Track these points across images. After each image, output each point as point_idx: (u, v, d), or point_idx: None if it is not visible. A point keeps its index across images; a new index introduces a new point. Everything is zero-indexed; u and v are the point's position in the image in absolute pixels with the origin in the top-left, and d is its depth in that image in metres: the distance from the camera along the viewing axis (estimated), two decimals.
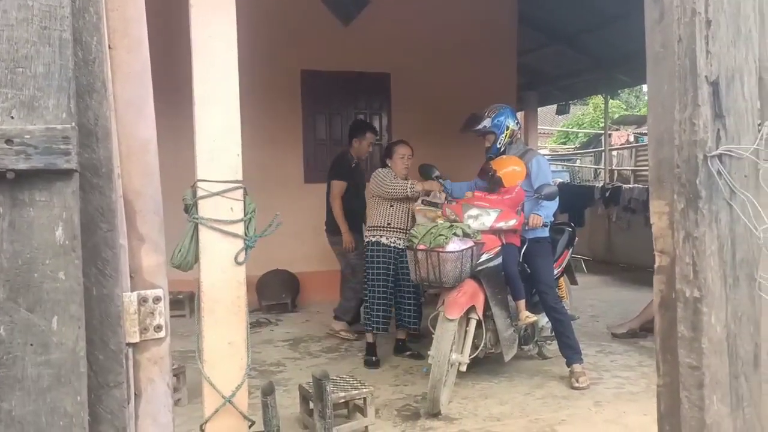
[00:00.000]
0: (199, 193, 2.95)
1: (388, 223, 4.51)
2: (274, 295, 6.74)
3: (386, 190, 4.58)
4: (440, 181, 4.37)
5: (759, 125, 1.28)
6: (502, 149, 4.11)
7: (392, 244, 4.56)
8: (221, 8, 2.86)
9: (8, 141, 0.84)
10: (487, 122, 4.09)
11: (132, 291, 1.11)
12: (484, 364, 4.48)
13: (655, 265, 1.35)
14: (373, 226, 4.57)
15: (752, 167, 1.25)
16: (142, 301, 1.10)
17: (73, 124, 0.89)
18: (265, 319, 6.42)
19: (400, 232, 4.57)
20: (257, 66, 6.45)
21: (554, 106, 10.31)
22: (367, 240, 4.59)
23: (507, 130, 4.11)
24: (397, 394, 4.26)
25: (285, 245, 6.03)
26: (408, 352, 4.71)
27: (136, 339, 1.09)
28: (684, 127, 1.24)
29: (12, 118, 0.86)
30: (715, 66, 1.23)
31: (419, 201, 4.41)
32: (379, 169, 4.75)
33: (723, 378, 1.25)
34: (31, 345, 0.88)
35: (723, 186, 1.23)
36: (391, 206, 4.57)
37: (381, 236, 4.54)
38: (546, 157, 8.52)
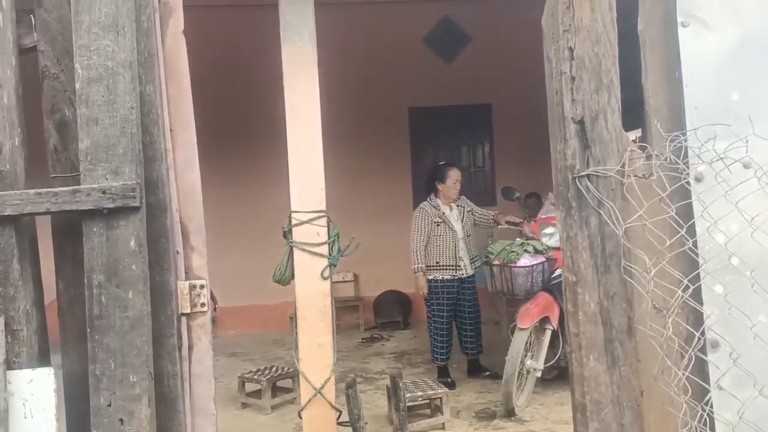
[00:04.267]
0: (293, 221, 3.72)
1: (437, 262, 4.92)
2: (387, 313, 7.38)
3: (411, 236, 4.93)
4: (521, 201, 4.77)
5: (631, 150, 1.68)
6: None
7: (447, 278, 4.94)
8: (306, 74, 3.65)
9: (104, 192, 1.54)
10: None
11: (186, 281, 1.77)
12: (567, 375, 4.76)
13: None
14: (428, 265, 4.91)
15: (619, 182, 1.66)
16: (192, 287, 1.76)
17: (140, 180, 1.58)
18: (379, 335, 7.08)
19: (450, 268, 4.92)
20: (368, 106, 7.29)
21: None
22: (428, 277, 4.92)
23: None
24: (479, 400, 4.70)
25: (399, 268, 6.64)
26: (487, 372, 5.06)
27: (188, 311, 1.75)
28: (560, 156, 1.69)
29: (106, 179, 1.56)
30: (580, 109, 1.66)
31: (503, 221, 4.84)
32: (419, 207, 5.04)
33: (599, 342, 1.65)
34: (118, 307, 1.56)
35: (591, 198, 1.65)
36: (437, 245, 4.96)
37: (434, 274, 4.91)
38: None
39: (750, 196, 1.61)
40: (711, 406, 1.62)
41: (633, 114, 1.86)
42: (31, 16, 1.71)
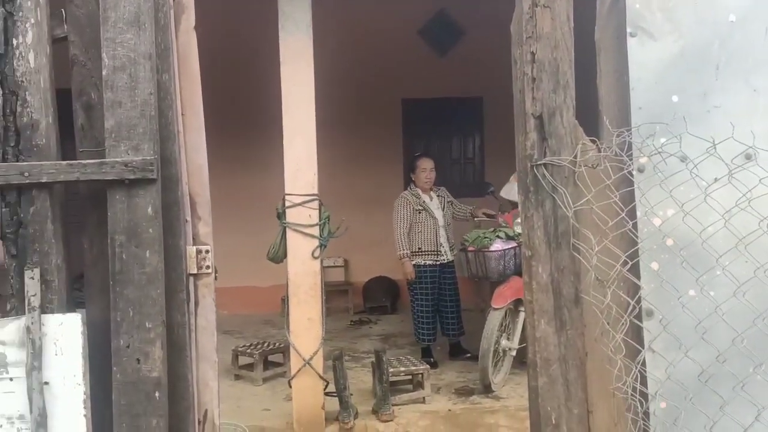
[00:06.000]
0: (287, 204, 3.99)
1: (419, 248, 5.19)
2: (376, 298, 7.65)
3: (392, 224, 5.17)
4: (496, 196, 5.05)
5: (583, 143, 1.95)
6: None
7: (429, 263, 5.21)
8: (303, 65, 3.90)
9: (126, 165, 1.79)
10: None
11: (193, 245, 2.03)
12: None
13: None
14: (411, 251, 5.18)
15: (571, 171, 1.92)
16: (198, 251, 2.02)
17: (156, 156, 1.83)
18: (367, 318, 7.35)
19: (432, 254, 5.20)
20: (362, 96, 7.51)
21: None
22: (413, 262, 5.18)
23: None
24: (459, 378, 4.98)
25: (388, 254, 6.89)
26: (468, 355, 5.34)
27: (194, 271, 2.01)
28: (522, 147, 1.95)
29: (128, 154, 1.81)
30: (539, 106, 1.92)
31: (480, 213, 5.11)
32: (399, 196, 5.28)
33: (549, 309, 1.92)
34: (137, 264, 1.81)
35: (546, 184, 1.91)
36: (420, 232, 5.24)
37: (417, 260, 5.19)
38: None
39: (683, 186, 1.88)
40: (643, 365, 1.89)
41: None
42: (63, 10, 1.95)
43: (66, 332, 1.77)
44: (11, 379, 1.76)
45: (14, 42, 1.82)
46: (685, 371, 1.89)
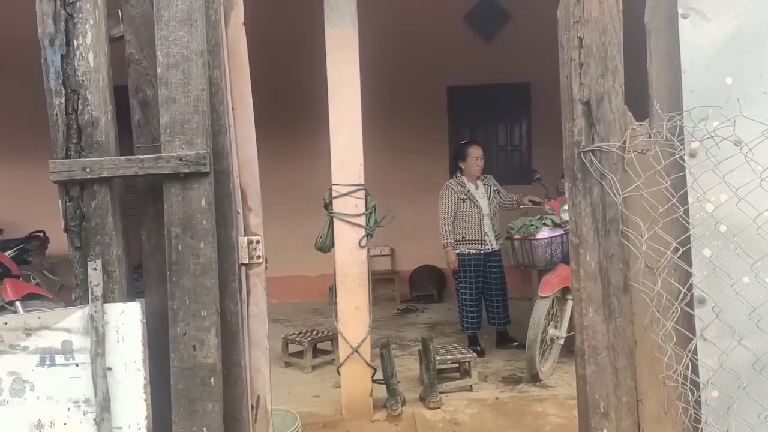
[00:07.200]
0: (333, 194, 4.04)
1: (463, 237, 5.17)
2: (422, 287, 7.67)
3: (437, 213, 5.15)
4: (543, 183, 4.99)
5: (632, 129, 1.92)
6: None
7: (473, 252, 5.20)
8: (347, 55, 3.95)
9: (181, 159, 1.86)
10: None
11: (245, 236, 2.09)
12: None
13: None
14: (455, 240, 5.17)
15: (620, 157, 1.90)
16: (249, 242, 2.08)
17: (209, 150, 1.89)
18: (414, 307, 7.39)
19: (476, 243, 5.18)
20: (408, 84, 7.51)
21: None
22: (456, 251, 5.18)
23: None
24: (506, 367, 4.97)
25: (434, 243, 6.93)
26: (515, 343, 5.32)
27: (246, 261, 2.07)
28: (569, 133, 1.93)
29: (182, 148, 1.88)
30: (587, 92, 1.90)
31: (526, 200, 5.06)
32: (445, 185, 5.25)
33: (597, 297, 1.91)
34: (192, 254, 1.88)
35: (594, 171, 1.89)
36: (464, 221, 5.21)
37: (461, 249, 5.18)
38: None
39: (737, 170, 1.83)
40: (695, 353, 1.86)
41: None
42: (119, 10, 2.02)
43: (127, 320, 1.85)
44: (77, 365, 1.86)
45: (75, 43, 1.90)
46: (739, 360, 1.85)
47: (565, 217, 4.55)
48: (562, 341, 4.54)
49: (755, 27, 1.90)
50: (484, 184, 5.25)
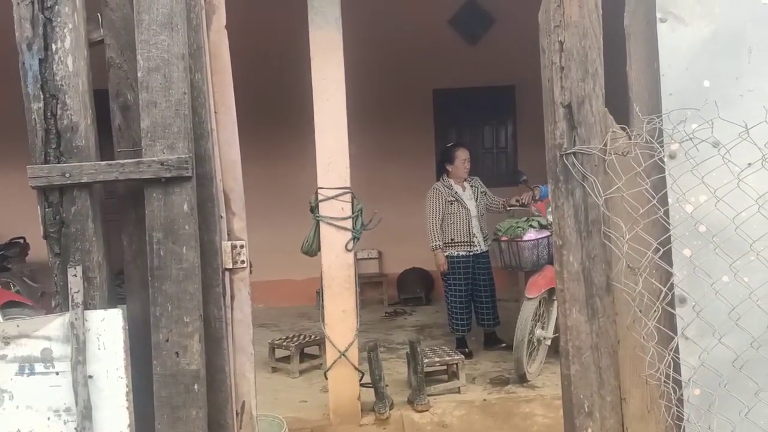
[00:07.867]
0: (320, 197, 4.03)
1: (452, 239, 5.19)
2: (410, 289, 7.67)
3: (425, 216, 5.17)
4: (528, 185, 5.02)
5: (613, 131, 1.93)
6: None
7: (462, 254, 5.21)
8: (332, 58, 3.94)
9: (162, 164, 1.85)
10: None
11: (228, 241, 2.08)
12: None
13: None
14: (444, 243, 5.18)
15: (601, 159, 1.91)
16: (233, 246, 2.07)
17: (191, 154, 1.88)
18: (402, 310, 7.38)
19: (464, 244, 5.19)
20: (393, 87, 7.52)
21: None
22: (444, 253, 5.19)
23: None
24: (494, 368, 4.99)
25: (421, 246, 6.93)
26: (503, 344, 5.34)
27: (230, 266, 2.06)
28: (551, 136, 1.95)
29: (164, 153, 1.87)
30: (568, 95, 1.91)
31: (512, 201, 5.09)
32: (432, 188, 5.26)
33: (580, 297, 1.92)
34: (174, 259, 1.87)
35: (576, 173, 1.91)
36: (452, 223, 5.23)
37: (450, 251, 5.20)
38: None
39: (715, 172, 1.85)
40: (677, 352, 1.88)
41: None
42: (99, 14, 2.01)
43: (108, 327, 1.84)
44: (57, 373, 1.84)
45: (53, 47, 1.88)
46: (720, 357, 1.87)
47: (551, 218, 4.58)
48: (549, 342, 4.57)
49: (732, 31, 1.92)
50: (471, 186, 5.27)
